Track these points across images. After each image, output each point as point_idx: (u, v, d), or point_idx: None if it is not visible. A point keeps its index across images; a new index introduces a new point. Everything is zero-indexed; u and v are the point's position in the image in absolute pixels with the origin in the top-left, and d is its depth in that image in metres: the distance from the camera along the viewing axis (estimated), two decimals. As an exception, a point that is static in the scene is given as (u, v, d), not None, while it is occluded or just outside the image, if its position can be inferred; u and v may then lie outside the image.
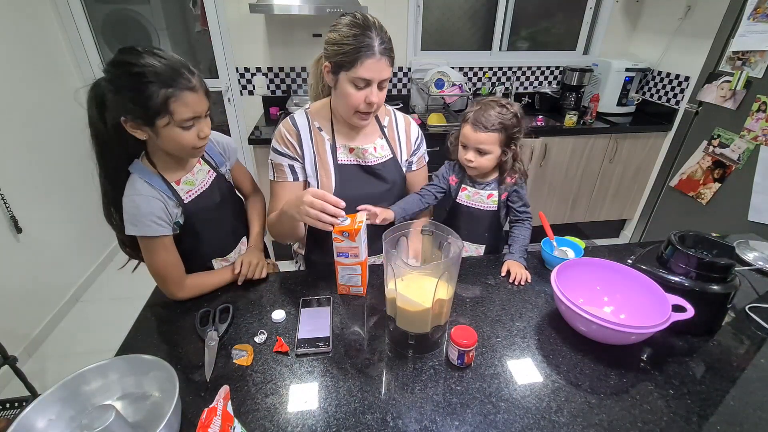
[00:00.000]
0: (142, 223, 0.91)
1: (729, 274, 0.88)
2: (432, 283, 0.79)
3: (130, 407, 0.73)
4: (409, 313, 0.82)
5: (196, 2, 2.48)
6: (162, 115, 0.83)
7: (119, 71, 0.82)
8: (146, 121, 0.84)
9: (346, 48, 0.94)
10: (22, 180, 1.97)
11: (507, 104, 1.12)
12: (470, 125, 1.11)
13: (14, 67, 1.98)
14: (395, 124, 1.21)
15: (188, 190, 1.00)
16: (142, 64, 0.80)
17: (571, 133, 2.49)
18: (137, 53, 0.81)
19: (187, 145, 0.89)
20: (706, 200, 2.26)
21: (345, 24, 0.95)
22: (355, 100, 0.99)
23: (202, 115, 0.89)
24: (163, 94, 0.81)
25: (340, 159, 1.11)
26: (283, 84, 2.64)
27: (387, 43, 0.96)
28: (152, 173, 0.95)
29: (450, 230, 0.87)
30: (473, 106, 1.14)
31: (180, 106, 0.83)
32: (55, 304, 2.20)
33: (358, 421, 0.72)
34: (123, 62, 0.81)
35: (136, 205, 0.90)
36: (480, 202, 1.21)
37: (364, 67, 0.94)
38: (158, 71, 0.80)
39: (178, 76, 0.82)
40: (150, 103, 0.81)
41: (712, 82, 2.19)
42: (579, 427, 0.71)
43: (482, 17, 2.74)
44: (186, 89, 0.83)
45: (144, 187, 0.92)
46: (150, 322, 0.98)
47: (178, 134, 0.87)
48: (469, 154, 1.14)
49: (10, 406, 1.45)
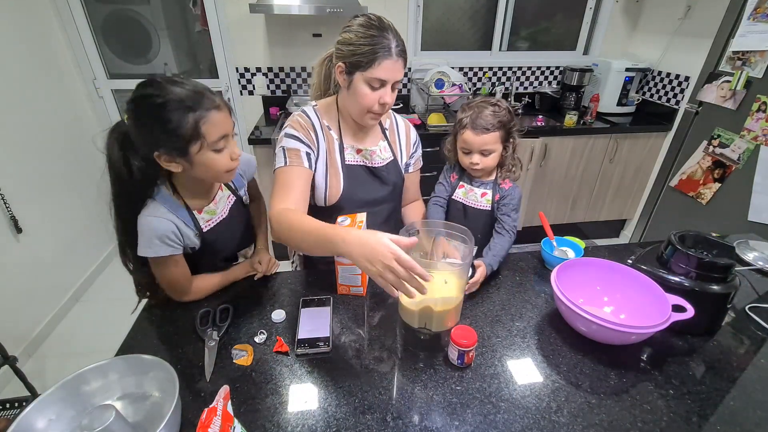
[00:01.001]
0: (155, 245, 0.90)
1: (729, 274, 0.88)
2: (451, 279, 0.83)
3: (130, 407, 0.73)
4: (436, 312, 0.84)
5: (196, 2, 2.48)
6: (195, 141, 0.82)
7: (143, 106, 0.81)
8: (180, 150, 0.83)
9: (363, 48, 0.93)
10: (22, 180, 1.97)
11: (497, 102, 1.14)
12: (470, 130, 1.11)
13: (14, 67, 1.98)
14: (396, 126, 1.22)
15: (208, 219, 1.00)
16: (164, 94, 0.79)
17: (571, 133, 2.49)
18: (157, 84, 0.80)
19: (221, 169, 0.89)
20: (706, 200, 2.26)
21: (360, 24, 0.95)
22: (369, 101, 0.99)
23: (230, 134, 0.89)
24: (192, 118, 0.80)
25: (348, 159, 1.11)
26: (283, 84, 2.64)
27: (402, 45, 0.96)
28: (175, 202, 0.94)
29: (464, 229, 0.88)
30: (464, 112, 1.14)
31: (210, 127, 0.83)
32: (55, 304, 2.20)
33: (358, 421, 0.72)
34: (145, 96, 0.80)
35: (150, 227, 0.89)
36: (474, 200, 1.21)
37: (381, 68, 0.94)
38: (182, 97, 0.80)
39: (202, 98, 0.82)
40: (181, 131, 0.80)
41: (712, 82, 2.19)
42: (579, 427, 0.71)
43: (482, 17, 2.74)
44: (212, 109, 0.83)
45: (159, 209, 0.91)
46: (150, 322, 0.98)
47: (212, 159, 0.86)
48: (473, 158, 1.14)
49: (10, 406, 1.45)
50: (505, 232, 1.16)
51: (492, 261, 1.08)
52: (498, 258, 1.10)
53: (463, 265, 0.83)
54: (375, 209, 1.14)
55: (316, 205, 1.13)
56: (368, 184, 1.14)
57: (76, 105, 2.44)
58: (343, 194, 1.10)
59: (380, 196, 1.16)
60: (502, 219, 1.18)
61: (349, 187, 1.11)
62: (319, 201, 1.12)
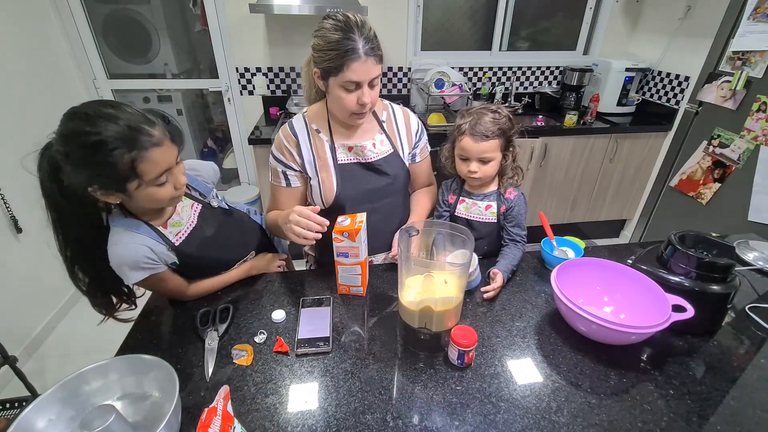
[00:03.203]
0: (132, 275, 0.88)
1: (729, 274, 0.88)
2: (451, 279, 0.84)
3: (130, 407, 0.73)
4: (437, 311, 0.84)
5: (196, 2, 2.49)
6: (132, 180, 0.78)
7: (74, 142, 0.74)
8: (116, 187, 0.78)
9: (331, 54, 0.92)
10: (22, 180, 1.97)
11: (498, 109, 1.11)
12: (469, 137, 1.09)
13: (14, 67, 1.98)
14: (394, 117, 1.19)
15: (177, 232, 0.96)
16: (96, 132, 0.73)
17: (571, 133, 2.49)
18: (89, 119, 0.74)
19: (164, 200, 0.85)
20: (706, 200, 2.26)
21: (327, 28, 0.94)
22: (347, 104, 0.98)
23: (173, 165, 0.84)
24: (127, 159, 0.75)
25: (340, 159, 1.11)
26: (283, 84, 2.64)
27: (372, 42, 0.93)
28: (136, 222, 0.90)
29: (465, 229, 0.88)
30: (463, 118, 1.12)
31: (147, 165, 0.77)
32: (55, 304, 2.20)
33: (358, 421, 0.72)
34: (75, 133, 0.74)
35: (119, 258, 0.86)
36: (479, 214, 1.19)
37: (351, 71, 0.93)
38: (116, 136, 0.74)
39: (138, 134, 0.76)
40: (115, 172, 0.75)
41: (712, 82, 2.19)
42: (579, 427, 0.71)
43: (482, 17, 2.73)
44: (150, 147, 0.77)
45: (122, 236, 0.87)
46: (150, 322, 0.98)
47: (154, 192, 0.82)
48: (471, 165, 1.11)
49: (10, 406, 1.45)
50: (515, 243, 1.15)
51: (506, 268, 1.08)
52: (511, 266, 1.10)
53: (463, 265, 0.83)
54: (376, 204, 1.13)
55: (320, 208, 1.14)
56: (364, 179, 1.13)
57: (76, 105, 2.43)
58: (339, 193, 1.10)
59: (379, 188, 1.14)
60: (511, 230, 1.16)
61: (344, 185, 1.10)
62: (317, 202, 1.13)
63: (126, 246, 0.86)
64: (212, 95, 2.88)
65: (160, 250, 0.91)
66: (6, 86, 1.93)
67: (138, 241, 0.88)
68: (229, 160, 3.01)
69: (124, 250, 0.86)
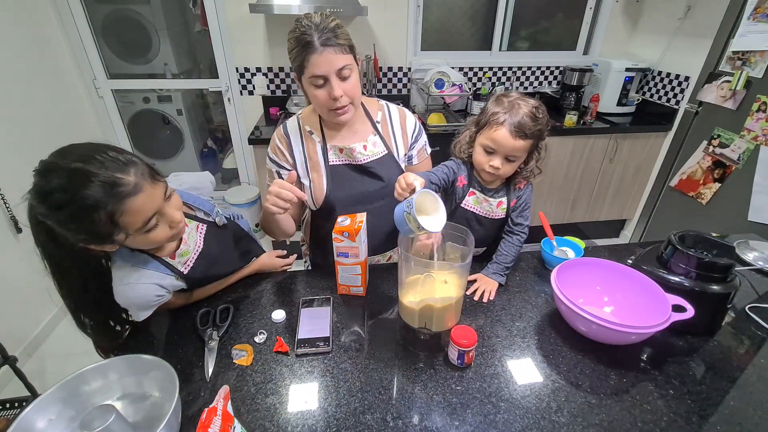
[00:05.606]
0: (144, 311, 0.87)
1: (729, 274, 0.88)
2: (451, 279, 0.83)
3: (130, 407, 0.73)
4: (436, 308, 0.84)
5: (196, 2, 2.49)
6: (116, 233, 0.73)
7: (48, 204, 0.70)
8: (103, 241, 0.75)
9: (293, 53, 0.94)
10: (22, 180, 1.96)
11: (538, 105, 1.01)
12: (507, 130, 0.98)
13: (14, 67, 1.98)
14: (389, 118, 1.16)
15: (185, 260, 0.93)
16: (69, 194, 0.67)
17: (571, 133, 2.49)
18: (59, 177, 0.68)
19: (161, 241, 0.81)
20: (706, 200, 2.26)
21: (292, 30, 0.95)
22: (320, 100, 0.98)
23: (162, 206, 0.78)
24: (105, 216, 0.69)
25: (332, 160, 1.11)
26: (283, 84, 2.64)
27: (329, 32, 0.91)
28: (142, 257, 0.86)
29: (464, 229, 0.87)
30: (500, 105, 1.01)
31: (129, 217, 0.72)
32: (55, 304, 2.18)
33: (358, 421, 0.72)
34: (47, 193, 0.69)
35: (128, 300, 0.84)
36: (489, 210, 1.13)
37: (312, 65, 0.92)
38: (88, 197, 0.67)
39: (113, 188, 0.69)
40: (97, 230, 0.71)
41: (712, 82, 2.19)
42: (579, 427, 0.71)
43: (482, 17, 2.74)
44: (128, 197, 0.71)
45: (133, 275, 0.84)
46: (150, 322, 0.98)
47: (145, 237, 0.77)
48: (495, 160, 1.02)
49: (10, 406, 1.45)
50: (513, 235, 1.12)
51: (499, 270, 1.07)
52: (506, 266, 1.08)
53: (463, 265, 0.83)
54: (369, 207, 1.11)
55: (311, 208, 1.15)
56: (356, 181, 1.12)
57: (76, 105, 2.44)
58: (329, 194, 1.09)
59: (371, 193, 1.12)
60: (515, 221, 1.12)
61: (335, 186, 1.10)
62: (309, 204, 1.13)
63: (134, 288, 0.83)
64: (212, 95, 2.89)
65: (169, 282, 0.90)
66: (6, 86, 1.93)
67: (145, 280, 0.85)
68: (229, 160, 3.02)
69: (132, 291, 0.83)
